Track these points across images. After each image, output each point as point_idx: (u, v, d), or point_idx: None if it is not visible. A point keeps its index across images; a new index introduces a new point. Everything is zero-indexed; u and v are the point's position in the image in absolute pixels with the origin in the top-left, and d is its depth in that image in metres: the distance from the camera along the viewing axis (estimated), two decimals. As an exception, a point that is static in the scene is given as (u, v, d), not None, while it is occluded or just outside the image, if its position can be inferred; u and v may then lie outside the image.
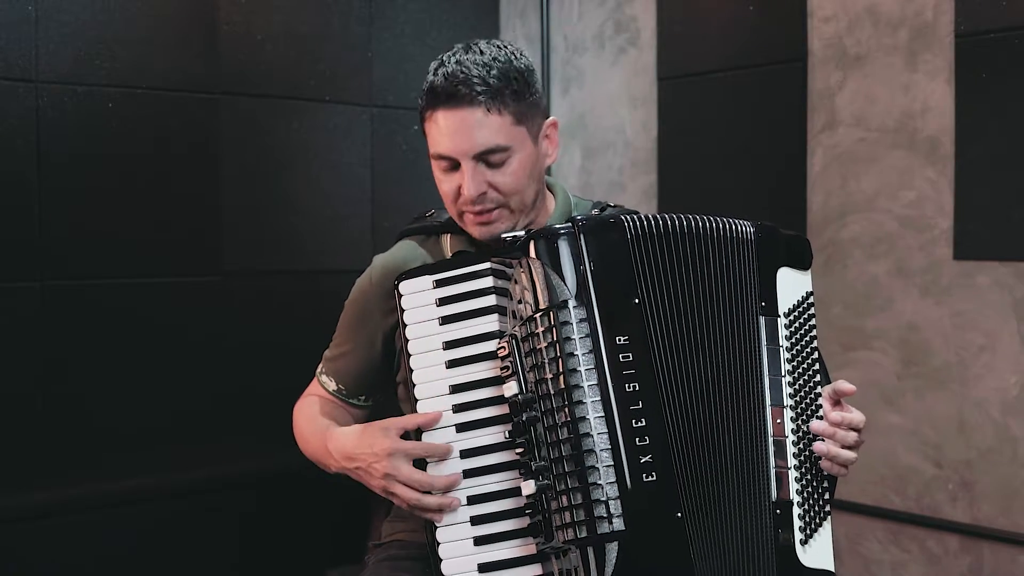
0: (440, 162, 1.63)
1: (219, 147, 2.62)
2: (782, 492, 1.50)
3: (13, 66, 2.33)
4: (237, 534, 2.64)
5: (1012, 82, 2.20)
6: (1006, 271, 2.22)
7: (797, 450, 1.51)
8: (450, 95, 1.58)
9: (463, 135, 1.58)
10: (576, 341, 1.42)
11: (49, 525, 2.38)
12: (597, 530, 1.38)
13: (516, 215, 1.66)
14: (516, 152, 1.61)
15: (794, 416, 1.52)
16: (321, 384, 1.82)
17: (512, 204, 1.64)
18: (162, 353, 2.54)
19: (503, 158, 1.60)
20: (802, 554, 1.50)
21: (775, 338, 1.53)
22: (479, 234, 1.66)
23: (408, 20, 2.93)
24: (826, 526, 1.53)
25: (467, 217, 1.66)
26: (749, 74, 2.65)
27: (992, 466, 2.25)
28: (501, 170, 1.61)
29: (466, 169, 1.60)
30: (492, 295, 1.54)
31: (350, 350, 1.79)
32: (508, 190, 1.62)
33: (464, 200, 1.62)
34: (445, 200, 1.68)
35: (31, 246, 2.36)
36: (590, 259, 1.45)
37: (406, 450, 1.52)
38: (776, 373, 1.52)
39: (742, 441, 1.49)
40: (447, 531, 1.51)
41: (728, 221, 1.54)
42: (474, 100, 1.57)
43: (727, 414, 1.48)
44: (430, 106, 1.61)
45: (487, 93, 1.57)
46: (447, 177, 1.64)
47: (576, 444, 1.40)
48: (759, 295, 1.53)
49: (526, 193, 1.65)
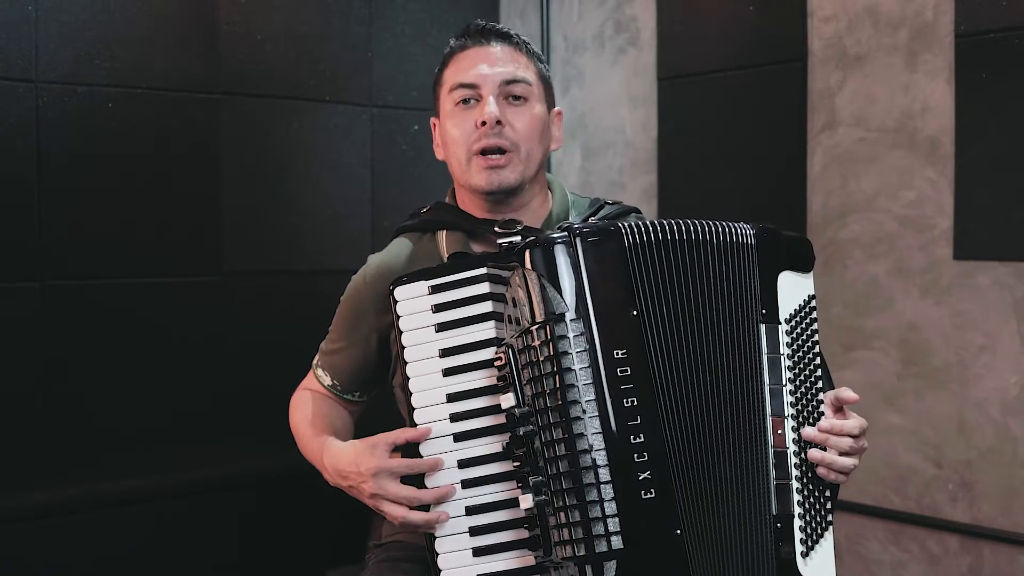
0: (458, 100, 1.68)
1: (219, 147, 2.62)
2: (783, 505, 1.47)
3: (13, 66, 2.33)
4: (237, 534, 2.64)
5: (1012, 82, 2.20)
6: (1006, 271, 2.22)
7: (799, 460, 1.49)
8: (485, 33, 1.71)
9: (493, 63, 1.68)
10: (573, 355, 1.40)
11: (49, 525, 2.39)
12: (595, 548, 1.37)
13: (524, 168, 1.67)
14: (534, 101, 1.70)
15: (795, 426, 1.49)
16: (317, 378, 1.82)
17: (522, 151, 1.66)
18: (162, 353, 2.54)
19: (524, 96, 1.68)
20: (803, 567, 1.47)
21: (776, 346, 1.49)
22: (486, 180, 1.65)
23: (408, 20, 2.93)
24: (828, 536, 1.51)
25: (476, 163, 1.66)
26: (749, 74, 2.65)
27: (992, 466, 2.25)
28: (519, 111, 1.67)
29: (487, 96, 1.66)
30: (488, 301, 1.51)
31: (345, 347, 1.78)
32: (523, 132, 1.66)
33: (480, 134, 1.64)
34: (456, 146, 1.68)
35: (31, 246, 2.36)
36: (587, 270, 1.43)
37: (391, 468, 1.50)
38: (777, 382, 1.49)
39: (742, 454, 1.46)
40: (446, 542, 1.50)
41: (728, 225, 1.51)
42: (508, 39, 1.71)
43: (727, 427, 1.46)
44: (460, 46, 1.72)
45: (518, 39, 1.72)
46: (463, 114, 1.67)
47: (573, 460, 1.38)
48: (760, 302, 1.50)
49: (534, 150, 1.68)
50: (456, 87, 1.67)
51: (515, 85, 1.67)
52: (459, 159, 1.68)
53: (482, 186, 1.66)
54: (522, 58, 1.70)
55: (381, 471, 1.51)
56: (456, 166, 1.70)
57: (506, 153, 1.65)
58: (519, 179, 1.67)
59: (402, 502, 1.50)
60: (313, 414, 1.77)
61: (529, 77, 1.69)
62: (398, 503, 1.50)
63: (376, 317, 1.72)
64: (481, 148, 1.65)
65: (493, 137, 1.64)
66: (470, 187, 1.69)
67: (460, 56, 1.71)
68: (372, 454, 1.52)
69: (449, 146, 1.70)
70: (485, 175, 1.65)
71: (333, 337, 1.81)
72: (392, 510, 1.51)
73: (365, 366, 1.77)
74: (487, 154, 1.65)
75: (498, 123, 1.64)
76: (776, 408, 1.48)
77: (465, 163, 1.67)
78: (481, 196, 1.69)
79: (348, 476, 1.55)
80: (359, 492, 1.55)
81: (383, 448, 1.52)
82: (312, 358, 1.85)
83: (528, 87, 1.68)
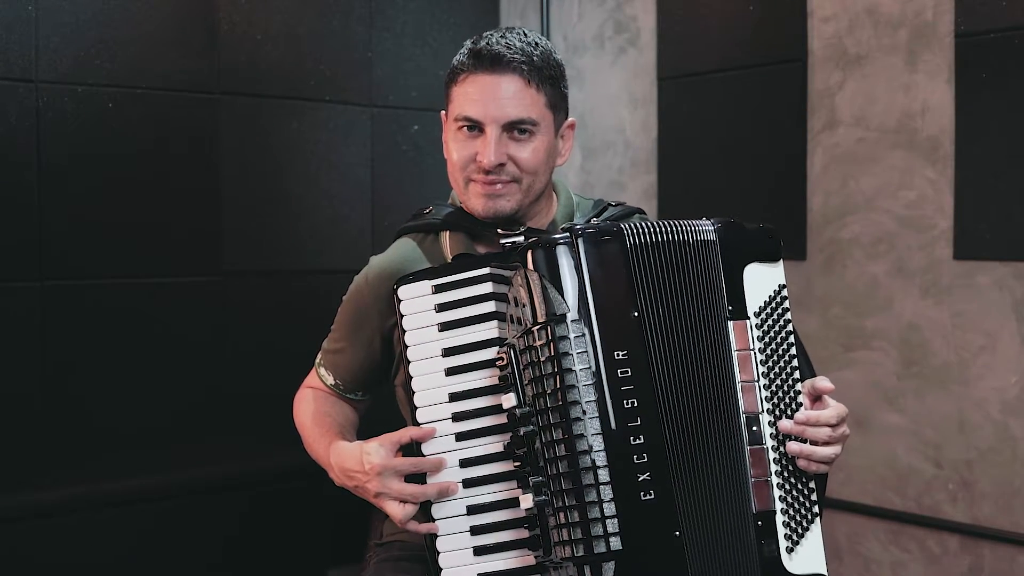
0: (461, 126, 1.64)
1: (219, 147, 2.62)
2: (763, 502, 1.47)
3: (13, 66, 2.32)
4: (237, 534, 2.64)
5: (1012, 82, 2.20)
6: (1006, 271, 2.22)
7: (778, 455, 1.49)
8: (494, 59, 1.61)
9: (498, 101, 1.61)
10: (574, 356, 1.40)
11: (49, 525, 2.38)
12: (594, 549, 1.37)
13: (523, 197, 1.66)
14: (540, 134, 1.65)
15: (772, 420, 1.49)
16: (320, 376, 1.82)
17: (524, 183, 1.65)
18: (162, 353, 2.54)
19: (529, 134, 1.63)
20: (788, 562, 1.48)
21: (746, 341, 1.49)
22: (483, 207, 1.65)
23: (408, 20, 2.93)
24: (814, 528, 1.51)
25: (473, 187, 1.65)
26: (749, 74, 2.65)
27: (992, 466, 2.25)
28: (523, 145, 1.63)
29: (490, 135, 1.61)
30: (491, 301, 1.52)
31: (347, 347, 1.78)
32: (526, 167, 1.63)
33: (478, 167, 1.63)
34: (453, 167, 1.67)
35: (31, 246, 2.36)
36: (589, 271, 1.43)
37: (395, 467, 1.51)
38: (749, 378, 1.49)
39: (725, 454, 1.47)
40: (447, 540, 1.51)
41: (691, 224, 1.51)
42: (517, 69, 1.62)
43: (711, 427, 1.46)
44: (469, 69, 1.63)
45: (530, 66, 1.62)
46: (464, 143, 1.65)
47: (574, 461, 1.39)
48: (725, 298, 1.50)
49: (538, 178, 1.66)
50: (461, 118, 1.64)
51: (520, 126, 1.63)
52: (456, 180, 1.69)
53: (479, 212, 1.66)
54: (530, 92, 1.62)
55: (386, 470, 1.51)
56: (455, 185, 1.71)
57: (508, 183, 1.64)
58: (516, 207, 1.66)
59: (407, 499, 1.50)
60: (317, 412, 1.77)
61: (535, 115, 1.63)
62: (403, 500, 1.50)
63: (379, 319, 1.73)
64: (480, 180, 1.64)
65: (492, 175, 1.63)
66: (467, 207, 1.69)
67: (469, 79, 1.64)
68: (377, 454, 1.52)
69: (448, 164, 1.70)
70: (482, 201, 1.65)
71: (335, 337, 1.81)
72: (396, 511, 1.51)
73: (368, 367, 1.77)
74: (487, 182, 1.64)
75: (501, 164, 1.63)
76: (749, 404, 1.48)
77: (463, 186, 1.67)
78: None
79: (354, 476, 1.56)
80: (365, 491, 1.55)
81: (388, 448, 1.53)
82: (313, 357, 1.85)
83: (532, 128, 1.64)
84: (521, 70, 1.62)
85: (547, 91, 1.65)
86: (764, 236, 1.56)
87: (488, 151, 1.61)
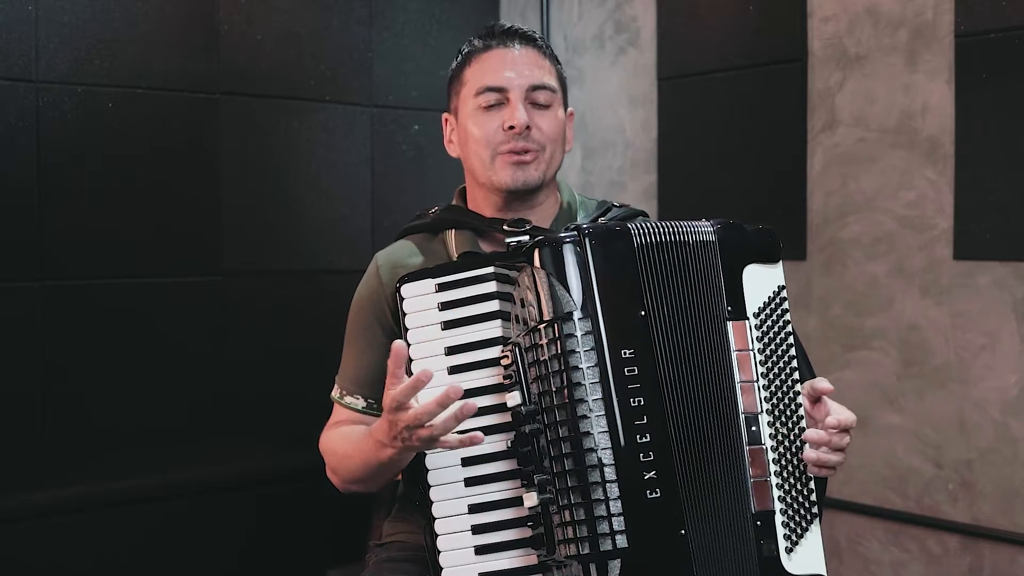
0: (483, 100, 1.68)
1: (219, 147, 2.62)
2: (761, 502, 1.47)
3: (13, 66, 2.32)
4: (237, 534, 2.64)
5: (1012, 82, 2.20)
6: (1006, 271, 2.22)
7: (777, 455, 1.49)
8: (507, 34, 1.72)
9: (518, 68, 1.69)
10: (580, 354, 1.40)
11: (49, 525, 2.38)
12: (600, 547, 1.37)
13: (547, 168, 1.70)
14: (556, 106, 1.72)
15: (771, 420, 1.49)
16: (345, 407, 1.73)
17: (547, 152, 1.69)
18: (162, 353, 2.54)
19: (549, 101, 1.70)
20: (787, 562, 1.48)
21: (745, 341, 1.50)
22: (511, 177, 1.67)
23: (408, 20, 2.93)
24: (814, 529, 1.51)
25: (500, 160, 1.68)
26: (749, 74, 2.65)
27: (992, 466, 2.25)
28: (544, 114, 1.69)
29: (516, 99, 1.67)
30: (496, 300, 1.52)
31: (367, 348, 1.72)
32: (549, 134, 1.69)
33: (507, 136, 1.66)
34: (478, 146, 1.69)
35: (31, 246, 2.36)
36: (596, 269, 1.44)
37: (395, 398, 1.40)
38: (748, 378, 1.49)
39: (726, 453, 1.47)
40: (448, 539, 1.50)
41: (691, 224, 1.51)
42: (533, 43, 1.73)
43: (714, 426, 1.47)
44: (483, 48, 1.71)
45: (541, 41, 1.75)
46: (488, 116, 1.68)
47: (579, 458, 1.39)
48: (724, 299, 1.50)
49: (557, 152, 1.72)
50: (483, 90, 1.68)
51: (540, 92, 1.69)
52: (481, 158, 1.69)
53: (507, 183, 1.68)
54: (545, 63, 1.73)
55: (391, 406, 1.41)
56: (478, 164, 1.71)
57: (534, 151, 1.68)
58: (541, 178, 1.70)
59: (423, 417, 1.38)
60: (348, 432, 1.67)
61: (553, 83, 1.72)
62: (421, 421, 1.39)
63: (394, 303, 1.64)
64: (509, 150, 1.67)
65: (521, 141, 1.67)
66: (492, 184, 1.70)
67: (483, 57, 1.71)
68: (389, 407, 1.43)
69: (470, 145, 1.71)
70: (510, 171, 1.67)
71: (353, 354, 1.74)
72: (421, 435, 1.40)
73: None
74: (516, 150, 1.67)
75: (527, 128, 1.66)
76: (748, 404, 1.48)
77: (489, 161, 1.69)
78: (500, 194, 1.70)
79: (388, 433, 1.46)
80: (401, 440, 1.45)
81: (390, 403, 1.42)
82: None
83: (552, 94, 1.71)
84: (534, 41, 1.73)
85: (556, 68, 1.75)
86: (763, 237, 1.56)
87: (518, 112, 1.66)
